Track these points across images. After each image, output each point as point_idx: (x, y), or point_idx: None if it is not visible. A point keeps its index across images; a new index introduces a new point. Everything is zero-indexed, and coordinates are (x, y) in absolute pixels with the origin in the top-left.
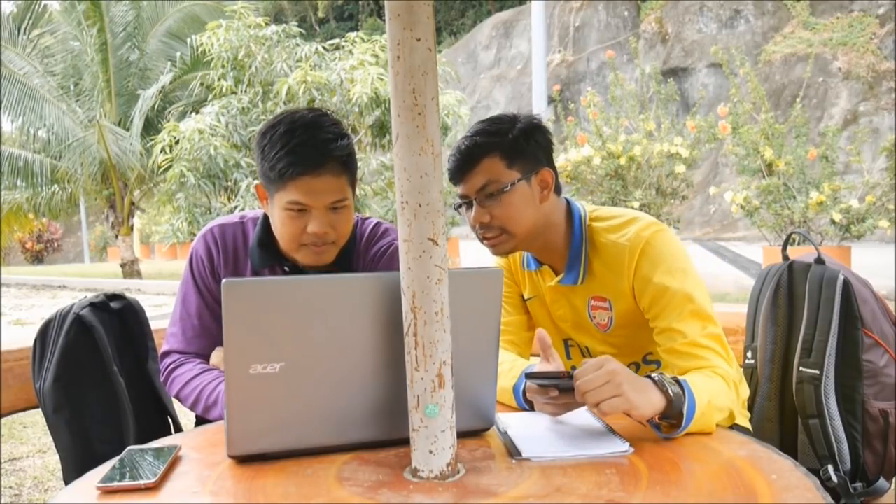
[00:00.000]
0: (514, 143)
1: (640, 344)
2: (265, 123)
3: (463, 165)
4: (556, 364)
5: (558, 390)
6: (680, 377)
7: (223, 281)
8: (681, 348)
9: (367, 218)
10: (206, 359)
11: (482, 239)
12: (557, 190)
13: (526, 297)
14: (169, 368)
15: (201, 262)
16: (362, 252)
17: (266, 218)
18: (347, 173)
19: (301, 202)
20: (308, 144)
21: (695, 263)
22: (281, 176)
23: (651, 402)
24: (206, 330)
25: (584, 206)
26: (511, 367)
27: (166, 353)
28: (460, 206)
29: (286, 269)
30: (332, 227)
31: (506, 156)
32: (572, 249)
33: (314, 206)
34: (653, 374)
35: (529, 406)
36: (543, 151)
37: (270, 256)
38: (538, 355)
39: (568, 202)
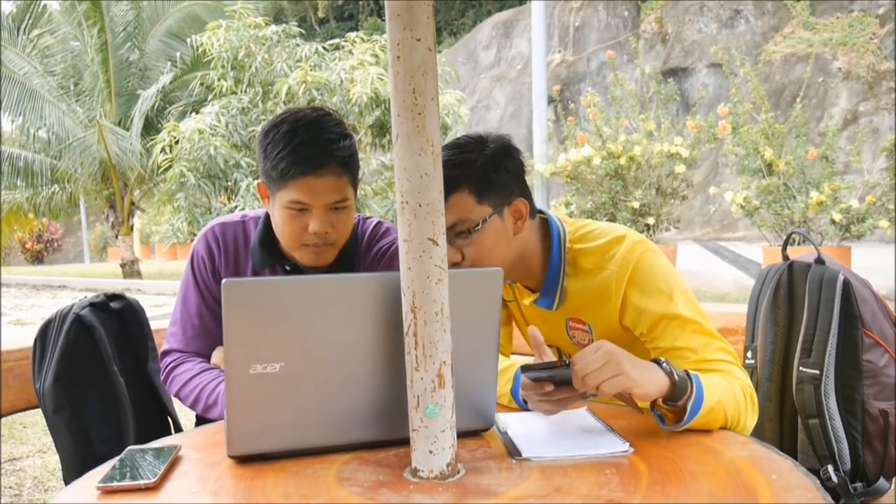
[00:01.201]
0: (483, 175)
1: None
2: (267, 122)
3: None
4: (550, 359)
5: (553, 383)
6: (691, 371)
7: (223, 281)
8: (691, 366)
9: (369, 217)
10: (207, 358)
11: None
12: (532, 214)
13: (505, 299)
14: (169, 367)
15: (202, 262)
16: (363, 252)
17: (268, 217)
18: (349, 174)
19: (302, 201)
20: (310, 144)
21: (692, 267)
22: (283, 175)
23: (654, 380)
24: (206, 330)
25: (563, 224)
26: (501, 369)
27: (166, 353)
28: None
29: (287, 268)
30: (332, 226)
31: (475, 190)
32: (549, 273)
33: (315, 205)
34: (658, 358)
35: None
36: (515, 179)
37: (272, 256)
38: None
39: (545, 219)
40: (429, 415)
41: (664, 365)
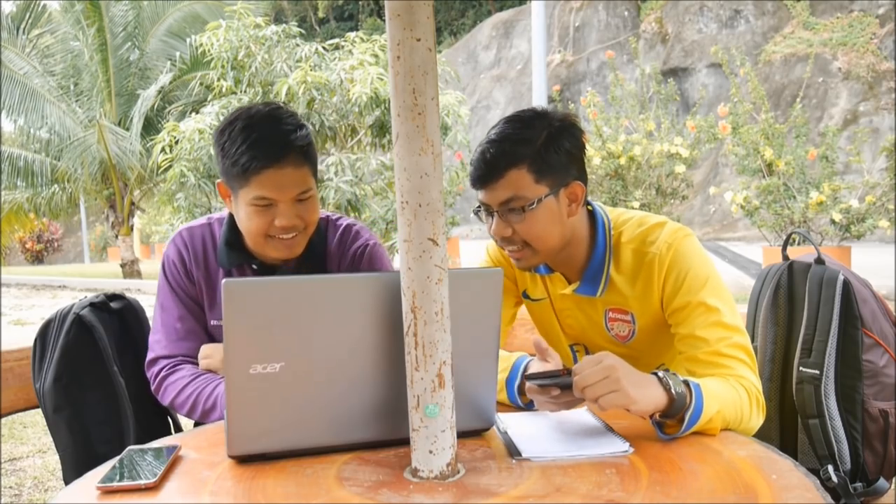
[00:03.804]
0: (544, 154)
1: (658, 351)
2: (223, 121)
3: (487, 174)
4: (555, 362)
5: (559, 388)
6: (692, 380)
7: (223, 281)
8: (703, 357)
9: (338, 217)
10: (193, 361)
11: (502, 248)
12: (584, 201)
13: (532, 297)
14: (160, 377)
15: (174, 266)
16: (334, 253)
17: (231, 217)
18: (309, 163)
19: (267, 197)
20: (267, 138)
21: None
22: (244, 171)
23: (651, 397)
24: (189, 332)
25: (607, 212)
26: (502, 359)
27: (153, 361)
28: (479, 210)
29: (255, 267)
30: (299, 217)
31: (534, 169)
32: (594, 261)
33: (280, 199)
34: (658, 372)
35: (521, 401)
36: (574, 160)
37: (238, 255)
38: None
39: (591, 208)
40: (429, 415)
41: (664, 380)
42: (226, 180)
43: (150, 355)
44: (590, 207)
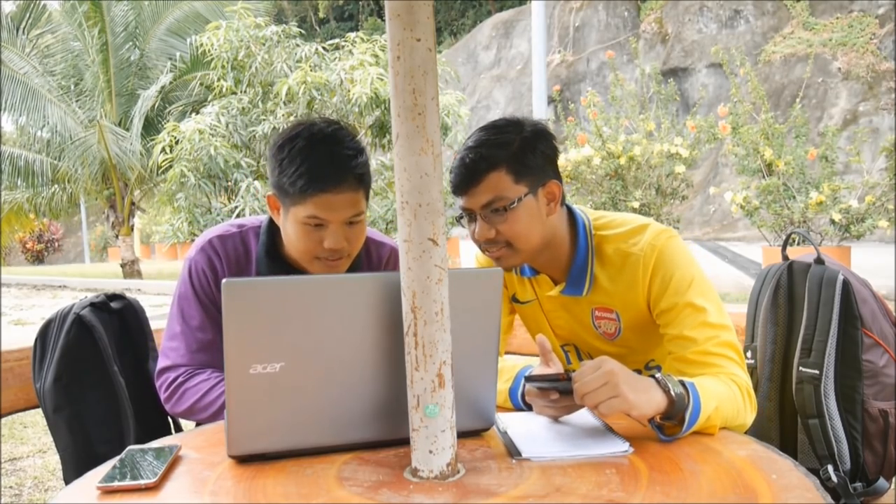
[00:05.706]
0: (521, 156)
1: (646, 347)
2: (281, 135)
3: (467, 179)
4: (556, 368)
5: (559, 392)
6: (688, 380)
7: (223, 281)
8: (692, 357)
9: (381, 239)
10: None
11: (484, 251)
12: (562, 200)
13: (521, 300)
14: (177, 382)
15: (203, 274)
16: (366, 267)
17: (270, 227)
18: (364, 188)
19: (319, 217)
20: (328, 161)
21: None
22: (302, 192)
23: (651, 401)
24: (211, 343)
25: (587, 214)
26: (503, 367)
27: (167, 368)
28: (461, 217)
29: None
30: (347, 241)
31: (513, 170)
32: (577, 261)
33: (332, 220)
34: (656, 374)
35: (527, 407)
36: (549, 162)
37: (278, 267)
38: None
39: (570, 210)
40: (429, 415)
41: (662, 382)
42: (278, 194)
43: (164, 362)
44: (568, 208)
